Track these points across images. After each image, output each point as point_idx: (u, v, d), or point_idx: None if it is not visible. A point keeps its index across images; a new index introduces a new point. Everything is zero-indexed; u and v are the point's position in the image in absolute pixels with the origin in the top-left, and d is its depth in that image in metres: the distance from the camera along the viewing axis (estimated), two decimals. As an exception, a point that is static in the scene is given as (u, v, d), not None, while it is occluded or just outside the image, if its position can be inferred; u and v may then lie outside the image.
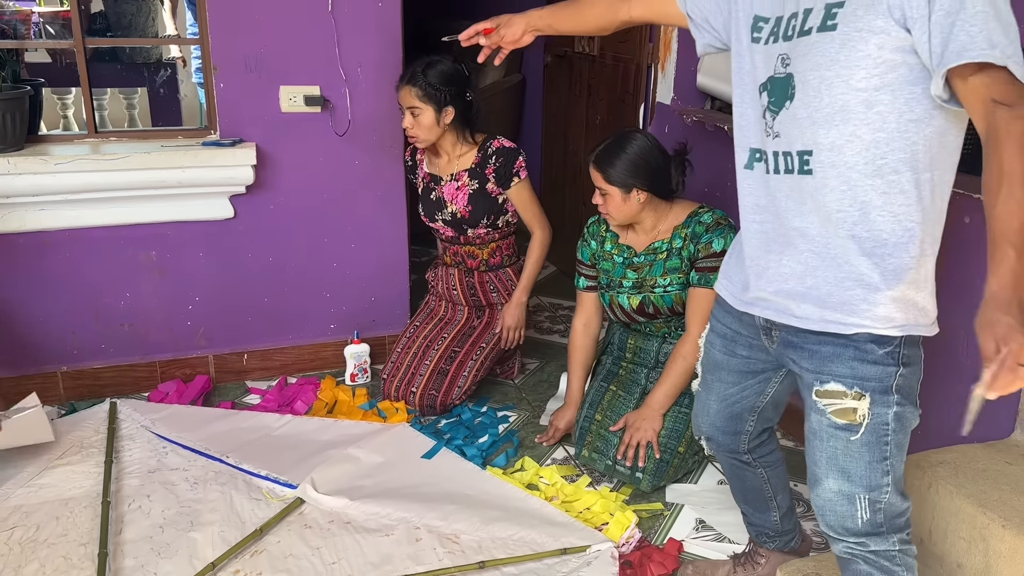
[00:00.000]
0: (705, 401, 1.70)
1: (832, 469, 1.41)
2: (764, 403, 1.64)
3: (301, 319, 2.90)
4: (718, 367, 1.64)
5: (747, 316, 1.52)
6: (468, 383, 2.63)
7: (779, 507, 1.83)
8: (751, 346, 1.56)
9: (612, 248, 2.37)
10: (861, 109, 1.27)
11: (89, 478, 2.23)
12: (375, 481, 2.26)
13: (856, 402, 1.36)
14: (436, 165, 2.71)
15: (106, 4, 4.36)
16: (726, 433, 1.70)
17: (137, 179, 2.51)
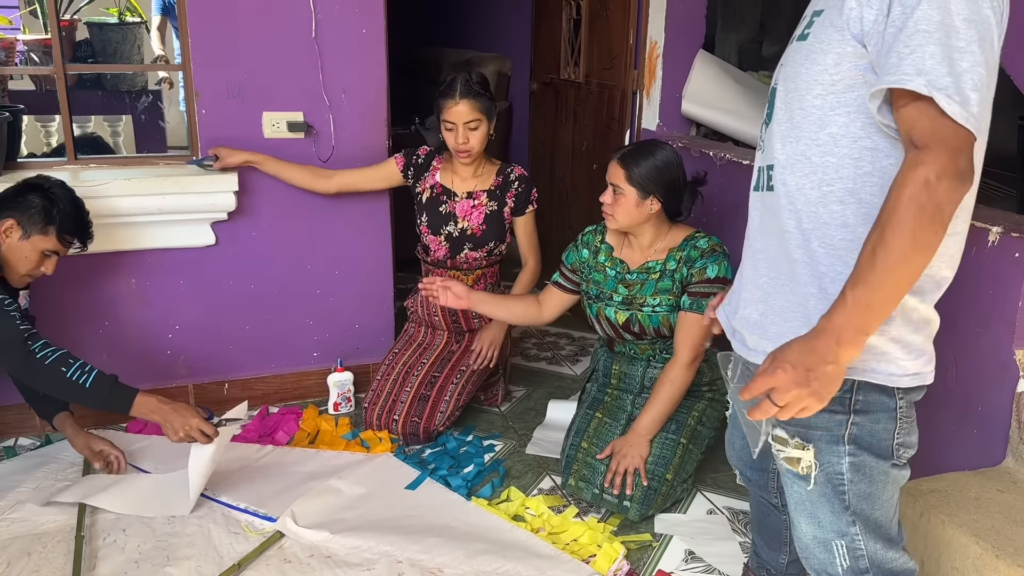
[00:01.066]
0: (731, 436, 1.64)
1: (801, 513, 1.32)
2: None
3: (283, 347, 2.86)
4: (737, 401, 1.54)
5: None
6: (451, 408, 2.59)
7: (790, 552, 1.75)
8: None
9: (606, 260, 2.35)
10: (813, 128, 1.17)
11: (63, 512, 2.16)
12: (357, 513, 2.21)
13: (799, 451, 1.25)
14: (451, 180, 2.69)
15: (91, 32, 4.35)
16: (753, 469, 1.63)
17: (117, 205, 2.48)
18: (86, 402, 2.08)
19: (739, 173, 2.60)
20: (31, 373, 2.02)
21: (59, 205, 2.15)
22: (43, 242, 2.15)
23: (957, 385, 1.85)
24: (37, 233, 2.13)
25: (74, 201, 2.20)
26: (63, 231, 2.16)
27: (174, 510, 2.16)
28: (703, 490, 2.40)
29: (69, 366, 2.02)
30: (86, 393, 2.03)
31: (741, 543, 2.15)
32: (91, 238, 2.26)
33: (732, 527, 2.22)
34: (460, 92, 2.49)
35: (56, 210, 2.14)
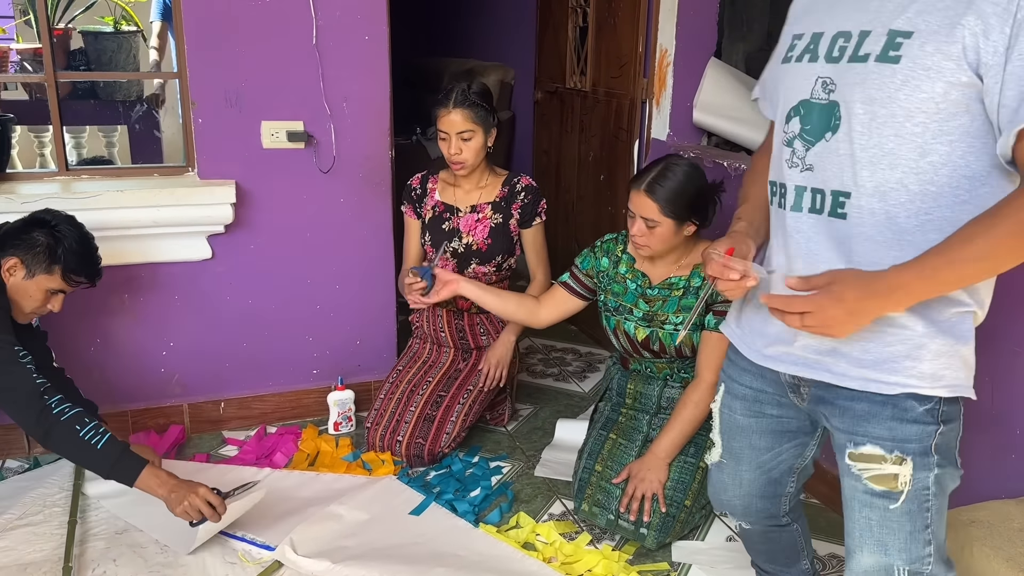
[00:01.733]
0: (735, 473, 1.52)
1: (867, 541, 1.27)
2: (805, 463, 1.51)
3: (282, 365, 2.76)
4: (745, 432, 1.48)
5: (769, 372, 1.37)
6: (457, 429, 2.49)
7: (808, 554, 1.70)
8: (779, 404, 1.42)
9: (627, 272, 2.24)
10: (913, 156, 1.14)
11: (51, 540, 2.06)
12: (359, 541, 2.10)
13: (897, 467, 1.23)
14: (453, 195, 2.60)
15: (86, 41, 4.27)
16: (765, 498, 1.54)
17: (109, 218, 2.38)
18: (93, 464, 1.97)
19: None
20: (44, 429, 1.91)
21: (64, 244, 2.04)
22: (48, 281, 2.05)
23: (995, 409, 1.76)
24: (41, 272, 2.04)
25: (82, 239, 2.10)
26: (68, 271, 2.06)
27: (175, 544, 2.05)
28: (721, 516, 2.29)
29: (84, 425, 1.92)
30: (95, 455, 1.92)
31: (763, 572, 2.04)
32: (100, 275, 2.16)
33: (753, 555, 2.11)
34: (454, 101, 2.41)
35: (62, 249, 2.04)
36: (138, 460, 1.95)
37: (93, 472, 2.02)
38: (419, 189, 2.65)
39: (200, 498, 1.93)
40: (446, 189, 2.61)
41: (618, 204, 3.25)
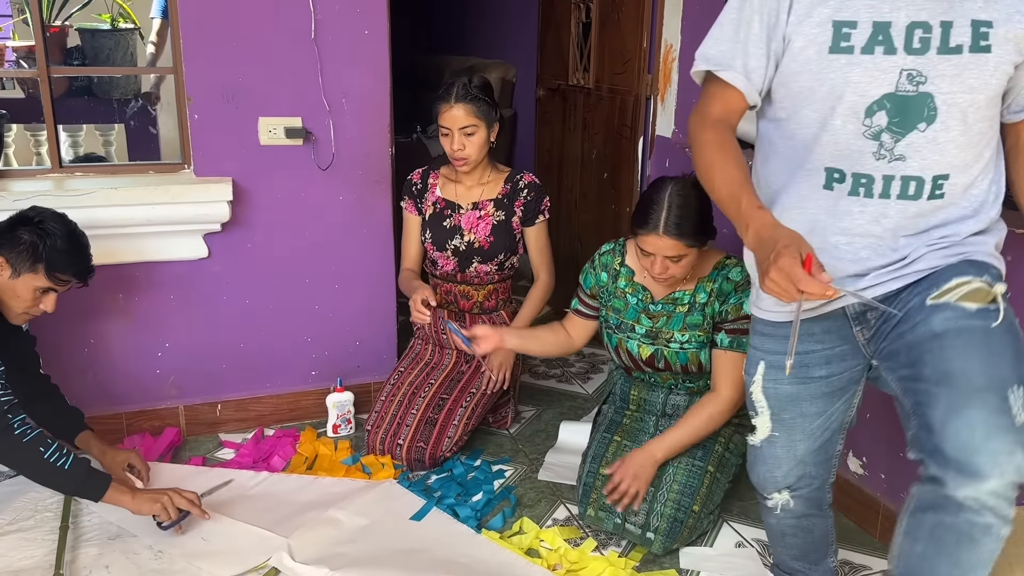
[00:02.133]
0: (789, 444, 1.52)
1: (976, 353, 1.19)
2: (852, 415, 1.53)
3: (280, 366, 2.70)
4: (794, 400, 1.49)
5: (819, 325, 1.42)
6: (459, 433, 2.43)
7: (834, 551, 1.69)
8: (828, 361, 1.44)
9: (626, 286, 2.16)
10: (991, 135, 1.32)
11: (42, 547, 2.01)
12: (358, 547, 2.05)
13: (987, 286, 1.27)
14: (454, 191, 2.54)
15: (83, 39, 4.21)
16: (818, 464, 1.55)
17: (103, 216, 2.32)
18: (58, 485, 1.96)
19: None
20: (6, 448, 1.88)
21: (48, 241, 1.97)
22: (34, 280, 1.98)
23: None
24: (27, 271, 1.97)
25: (70, 236, 2.02)
26: (53, 269, 1.99)
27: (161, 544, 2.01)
28: (730, 520, 2.24)
29: (48, 447, 1.89)
30: (62, 476, 1.90)
31: (774, 580, 1.99)
32: (91, 273, 2.08)
33: (763, 561, 2.06)
34: (456, 96, 2.36)
35: (44, 247, 1.96)
36: (104, 477, 1.97)
37: (59, 490, 2.02)
38: (420, 184, 2.59)
39: (178, 495, 1.98)
40: (447, 185, 2.55)
41: (621, 203, 3.19)
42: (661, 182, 1.96)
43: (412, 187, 2.60)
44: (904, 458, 2.06)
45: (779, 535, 1.67)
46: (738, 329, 2.02)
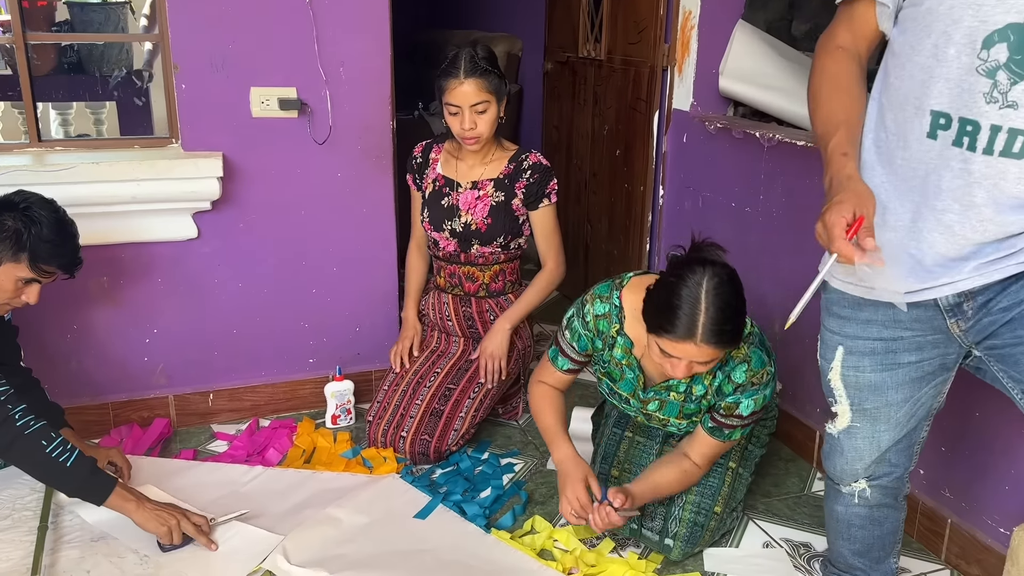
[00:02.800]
0: (872, 435, 1.42)
1: None
2: (942, 400, 1.41)
3: (275, 353, 2.56)
4: (879, 389, 1.38)
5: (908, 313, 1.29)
6: (466, 425, 2.29)
7: (897, 553, 1.57)
8: (919, 347, 1.33)
9: (623, 358, 1.88)
10: None
11: (19, 548, 1.86)
12: (358, 548, 1.91)
13: None
14: (455, 169, 2.38)
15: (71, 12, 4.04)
16: (900, 451, 1.45)
17: (85, 193, 2.17)
18: (59, 483, 1.83)
19: (792, 155, 2.29)
20: (6, 442, 1.76)
21: (33, 229, 1.81)
22: (16, 270, 1.83)
23: None
24: (8, 260, 1.81)
25: (57, 225, 1.86)
26: (37, 259, 1.83)
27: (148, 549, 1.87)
28: (755, 518, 2.10)
29: (51, 440, 1.78)
30: (64, 473, 1.78)
31: (806, 584, 1.85)
32: (78, 265, 1.93)
33: (794, 563, 1.92)
34: (465, 70, 2.18)
35: (28, 235, 1.81)
36: (108, 479, 1.84)
37: (57, 490, 1.88)
38: (420, 158, 2.43)
39: (186, 519, 1.85)
40: (448, 161, 2.39)
41: (635, 181, 3.03)
42: (687, 274, 1.58)
43: (413, 161, 2.45)
44: (945, 454, 1.92)
45: (844, 526, 1.54)
46: (725, 424, 1.82)
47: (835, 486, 1.53)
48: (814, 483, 2.27)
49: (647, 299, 1.66)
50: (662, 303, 1.60)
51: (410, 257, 2.54)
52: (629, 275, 1.89)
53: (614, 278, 1.91)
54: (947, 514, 1.93)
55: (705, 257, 1.62)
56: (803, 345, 2.31)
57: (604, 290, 1.88)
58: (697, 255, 1.64)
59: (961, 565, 1.89)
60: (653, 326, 1.63)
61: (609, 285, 1.88)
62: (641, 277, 1.87)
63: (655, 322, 1.62)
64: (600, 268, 3.40)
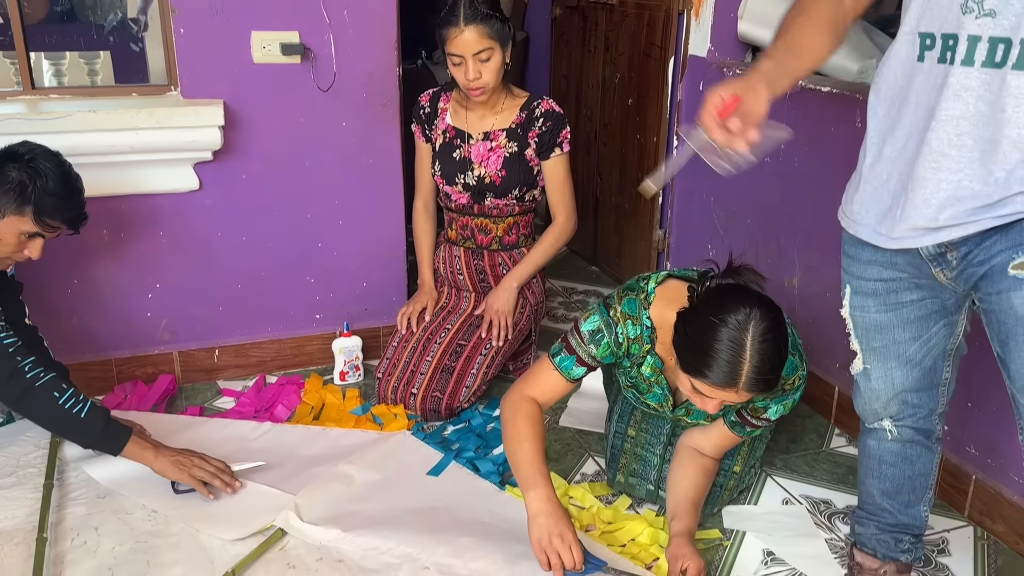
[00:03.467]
0: (885, 374, 1.41)
1: None
2: (958, 343, 1.40)
3: (281, 309, 2.50)
4: (885, 328, 1.38)
5: (902, 255, 1.29)
6: (477, 383, 2.24)
7: (929, 500, 1.55)
8: (918, 287, 1.33)
9: (651, 376, 1.77)
10: None
11: (25, 506, 1.83)
12: (371, 505, 1.87)
13: None
14: (465, 119, 2.29)
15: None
16: (921, 391, 1.42)
17: (82, 143, 2.09)
18: (73, 434, 1.81)
19: (816, 102, 2.21)
20: (16, 394, 1.73)
21: (38, 182, 1.74)
22: (19, 223, 1.77)
23: None
24: (12, 213, 1.75)
25: (62, 178, 1.79)
26: (41, 214, 1.77)
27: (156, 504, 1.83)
28: (773, 475, 2.06)
29: (63, 392, 1.75)
30: (78, 424, 1.76)
31: (828, 540, 1.82)
32: (84, 221, 1.87)
33: (815, 520, 1.89)
34: (465, 17, 2.08)
35: (33, 188, 1.74)
36: (123, 429, 1.81)
37: (72, 442, 1.85)
38: (428, 108, 2.35)
39: (204, 463, 1.84)
40: (458, 112, 2.31)
41: (647, 132, 2.95)
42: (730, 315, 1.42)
43: (420, 111, 2.36)
44: (971, 410, 1.88)
45: (876, 462, 1.52)
46: (749, 423, 1.74)
47: (865, 424, 1.53)
48: (832, 439, 2.24)
49: (681, 333, 1.50)
50: (701, 345, 1.44)
51: (417, 219, 2.46)
52: (652, 286, 1.71)
53: (637, 290, 1.71)
54: (971, 471, 1.89)
55: (750, 294, 1.46)
56: (823, 300, 2.25)
57: (631, 308, 1.69)
58: (738, 288, 1.48)
59: (985, 522, 1.86)
60: (688, 367, 1.48)
61: (635, 303, 1.69)
62: (665, 286, 1.71)
63: (691, 364, 1.47)
64: (609, 222, 3.33)
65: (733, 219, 2.62)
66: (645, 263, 3.09)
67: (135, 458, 1.81)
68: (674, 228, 2.96)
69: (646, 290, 1.71)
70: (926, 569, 1.74)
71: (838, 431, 2.27)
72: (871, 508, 1.54)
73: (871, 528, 1.53)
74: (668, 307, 1.62)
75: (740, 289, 1.48)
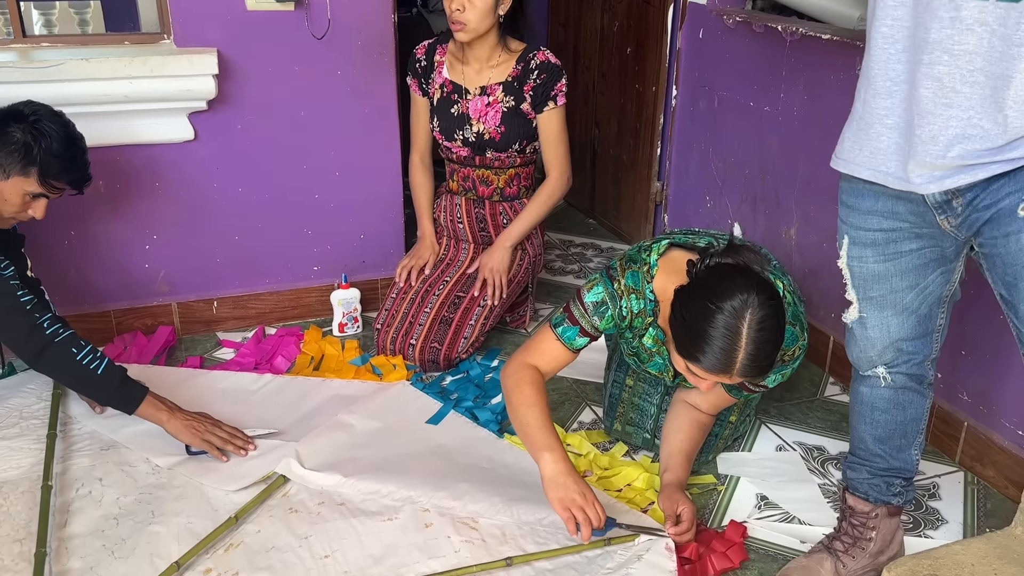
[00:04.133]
0: (881, 322, 1.42)
1: None
2: (954, 288, 1.41)
3: (279, 260, 2.50)
4: (883, 278, 1.38)
5: (905, 202, 1.29)
6: (475, 334, 2.26)
7: (920, 445, 1.56)
8: (918, 235, 1.33)
9: (653, 346, 1.76)
10: None
11: (29, 456, 1.85)
12: (372, 452, 1.90)
13: None
14: (461, 73, 2.27)
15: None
16: (916, 339, 1.43)
17: (75, 92, 2.07)
18: (90, 391, 1.84)
19: (816, 50, 2.19)
20: (36, 351, 1.75)
21: (43, 143, 1.73)
22: (24, 184, 1.76)
23: None
24: (17, 174, 1.74)
25: (67, 139, 1.78)
26: (47, 175, 1.76)
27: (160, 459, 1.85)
28: (767, 422, 2.09)
29: (81, 348, 1.77)
30: (95, 381, 1.78)
31: (821, 485, 1.85)
32: (88, 182, 1.86)
33: (808, 466, 1.92)
34: None
35: (39, 149, 1.73)
36: (139, 387, 1.83)
37: (89, 398, 1.87)
38: (424, 61, 2.32)
39: (218, 428, 1.85)
40: (454, 66, 2.28)
41: (646, 81, 2.92)
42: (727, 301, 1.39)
43: (416, 64, 2.33)
44: (964, 357, 1.90)
45: (868, 409, 1.53)
46: (747, 388, 1.73)
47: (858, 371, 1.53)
48: (827, 388, 2.26)
49: (677, 314, 1.47)
50: (696, 330, 1.41)
51: (414, 173, 2.44)
52: (654, 258, 1.68)
53: (639, 262, 1.68)
54: (963, 417, 1.92)
55: (749, 279, 1.42)
56: (820, 250, 2.26)
57: (635, 281, 1.67)
58: (738, 270, 1.45)
59: (975, 467, 1.89)
60: (682, 350, 1.46)
61: (638, 276, 1.67)
62: (667, 258, 1.67)
63: (685, 348, 1.45)
64: (607, 175, 3.31)
65: (732, 170, 2.61)
66: (643, 216, 3.09)
67: (149, 418, 1.82)
68: (672, 180, 2.96)
69: (648, 262, 1.68)
70: (917, 513, 1.78)
71: (832, 380, 2.29)
72: (863, 454, 1.56)
73: (863, 473, 1.56)
74: (671, 279, 1.60)
75: (739, 272, 1.44)
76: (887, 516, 1.56)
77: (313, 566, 1.58)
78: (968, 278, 1.44)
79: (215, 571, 1.56)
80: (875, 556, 1.56)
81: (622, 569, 1.55)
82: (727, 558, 1.60)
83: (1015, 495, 1.76)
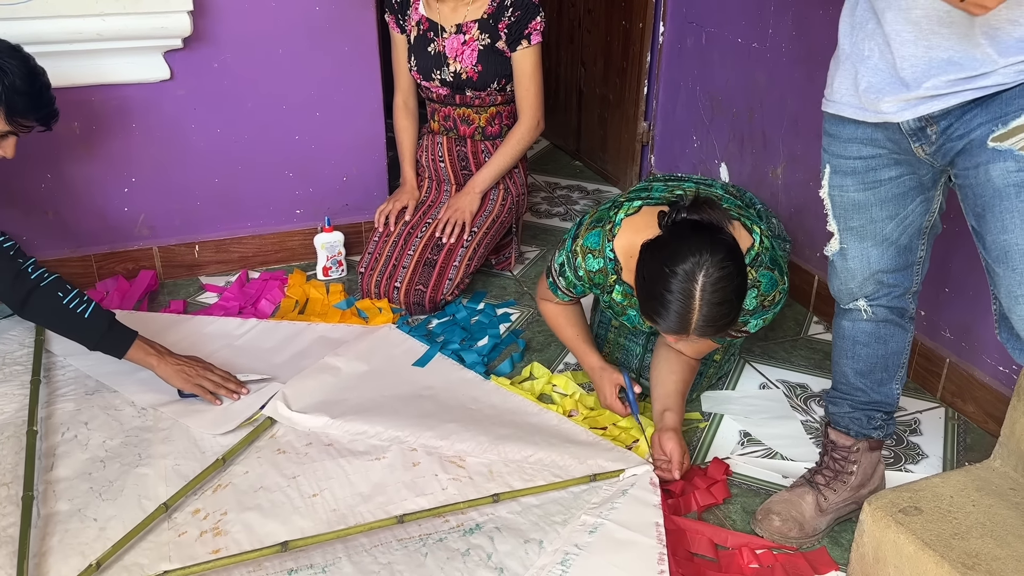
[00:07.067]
0: (861, 253, 1.42)
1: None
2: (933, 220, 1.41)
3: (260, 203, 2.47)
4: (863, 207, 1.38)
5: (882, 131, 1.30)
6: (460, 275, 2.24)
7: (901, 380, 1.57)
8: (897, 163, 1.33)
9: (623, 300, 1.77)
10: None
11: (13, 402, 1.84)
12: (359, 394, 1.91)
13: None
14: (437, 11, 2.21)
15: None
16: (897, 271, 1.44)
17: (46, 30, 2.01)
18: (78, 335, 1.78)
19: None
20: (21, 296, 1.71)
21: (6, 81, 1.67)
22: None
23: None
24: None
25: (29, 75, 1.72)
26: (14, 113, 1.71)
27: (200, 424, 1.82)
28: (752, 361, 2.11)
29: (67, 292, 1.74)
30: (82, 325, 1.75)
31: (803, 422, 1.88)
32: (55, 117, 1.81)
33: (791, 403, 1.95)
34: None
35: (3, 88, 1.67)
36: (128, 331, 1.80)
37: (78, 343, 1.82)
38: None
39: (210, 372, 1.84)
40: (431, 3, 2.22)
41: (633, 17, 2.86)
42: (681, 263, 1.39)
43: (392, 2, 2.27)
44: (947, 295, 1.91)
45: (850, 343, 1.54)
46: (729, 334, 1.72)
47: (840, 305, 1.54)
48: (810, 327, 2.28)
49: (639, 274, 1.48)
50: (652, 293, 1.42)
51: (397, 115, 2.40)
52: (620, 216, 1.68)
53: (604, 220, 1.70)
54: (946, 354, 1.94)
55: (704, 240, 1.41)
56: (806, 189, 2.25)
57: (595, 241, 1.69)
58: (697, 229, 1.43)
59: (956, 403, 1.92)
60: (645, 312, 1.47)
61: (600, 235, 1.69)
62: (633, 218, 1.67)
63: (644, 309, 1.47)
64: (593, 115, 3.27)
65: (719, 109, 2.58)
66: (629, 157, 3.06)
67: (139, 362, 1.81)
68: (659, 120, 2.92)
69: (613, 220, 1.69)
70: (898, 447, 1.81)
71: (816, 319, 2.31)
72: (845, 388, 1.58)
73: (844, 407, 1.58)
74: (638, 235, 1.58)
75: (697, 231, 1.43)
76: (868, 450, 1.59)
77: (302, 504, 1.59)
78: (952, 215, 1.43)
79: (203, 511, 1.57)
80: (856, 489, 1.59)
81: (607, 503, 1.57)
82: (710, 494, 1.63)
83: (995, 429, 1.79)
